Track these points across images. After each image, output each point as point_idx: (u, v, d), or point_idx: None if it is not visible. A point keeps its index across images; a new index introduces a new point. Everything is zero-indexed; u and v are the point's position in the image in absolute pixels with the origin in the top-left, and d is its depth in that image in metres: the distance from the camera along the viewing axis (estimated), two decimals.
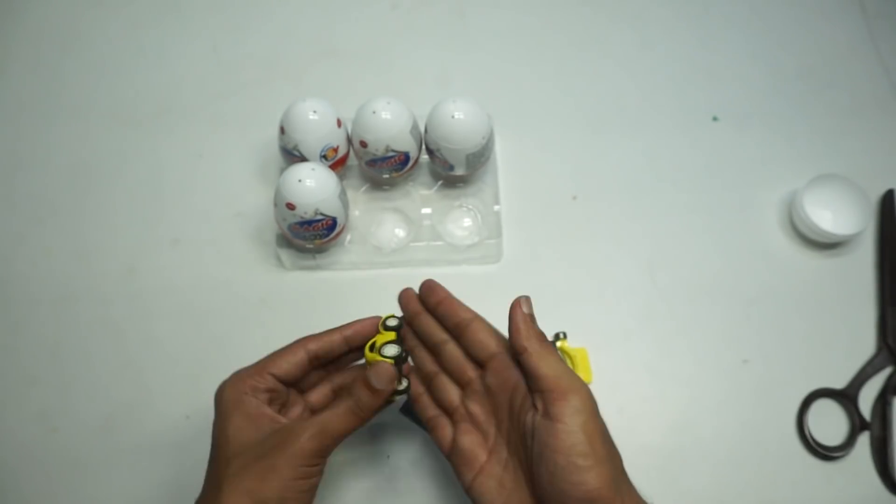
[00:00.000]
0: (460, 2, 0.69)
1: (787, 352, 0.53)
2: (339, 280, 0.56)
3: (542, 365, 0.37)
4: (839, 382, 0.52)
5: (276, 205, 0.51)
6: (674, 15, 0.68)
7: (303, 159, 0.53)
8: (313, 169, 0.50)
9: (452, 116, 0.51)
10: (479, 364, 0.41)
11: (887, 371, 0.52)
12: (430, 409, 0.43)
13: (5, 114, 0.63)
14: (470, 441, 0.40)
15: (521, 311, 0.39)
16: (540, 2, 0.69)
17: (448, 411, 0.42)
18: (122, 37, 0.67)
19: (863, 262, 0.57)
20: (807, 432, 0.50)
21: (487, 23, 0.68)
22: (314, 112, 0.52)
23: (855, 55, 0.66)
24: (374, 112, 0.51)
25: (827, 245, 0.57)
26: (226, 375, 0.42)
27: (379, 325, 0.43)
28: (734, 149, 0.62)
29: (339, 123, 0.53)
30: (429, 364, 0.43)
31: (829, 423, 0.51)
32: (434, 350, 0.43)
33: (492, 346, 0.41)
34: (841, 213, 0.56)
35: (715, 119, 0.63)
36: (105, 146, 0.62)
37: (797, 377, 0.52)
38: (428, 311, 0.44)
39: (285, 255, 0.55)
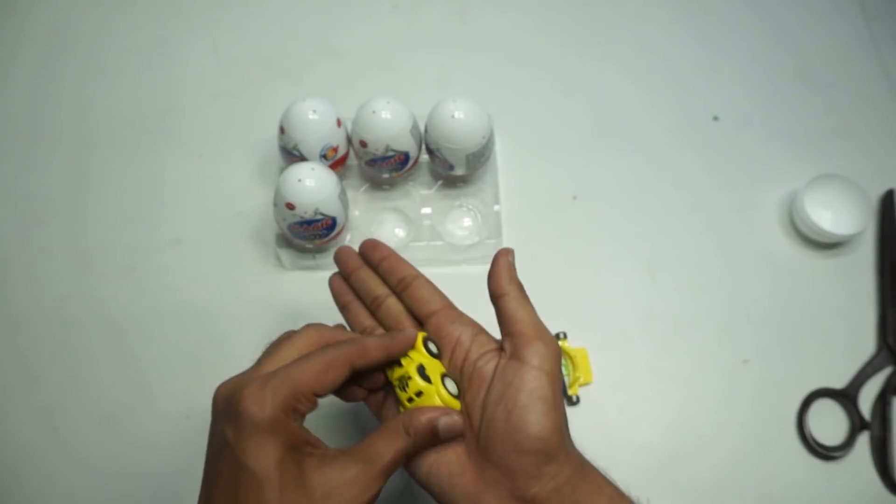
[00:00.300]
0: (460, 2, 0.69)
1: (787, 352, 0.53)
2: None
3: (520, 309, 0.37)
4: (839, 382, 0.52)
5: (275, 205, 0.51)
6: (674, 15, 0.68)
7: (303, 159, 0.53)
8: (313, 169, 0.50)
9: (452, 116, 0.51)
10: (420, 321, 0.40)
11: (887, 371, 0.52)
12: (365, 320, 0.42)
13: (7, 114, 0.63)
14: None
15: (505, 258, 0.39)
16: (540, 2, 0.69)
17: None
18: (122, 37, 0.67)
19: (863, 262, 0.57)
20: (807, 432, 0.50)
21: (488, 23, 0.68)
22: (314, 112, 0.52)
23: (855, 55, 0.66)
24: (374, 112, 0.52)
25: (827, 245, 0.57)
26: (226, 376, 0.39)
27: (418, 342, 0.38)
28: (734, 149, 0.62)
29: (338, 123, 0.53)
30: (364, 319, 0.42)
31: (829, 423, 0.51)
32: (373, 305, 0.42)
33: (435, 301, 0.40)
34: (841, 213, 0.56)
35: (715, 119, 0.63)
36: (106, 146, 0.62)
37: (797, 377, 0.52)
38: (367, 261, 0.43)
39: (285, 255, 0.55)
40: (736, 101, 0.64)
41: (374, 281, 0.42)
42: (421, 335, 0.38)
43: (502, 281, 0.38)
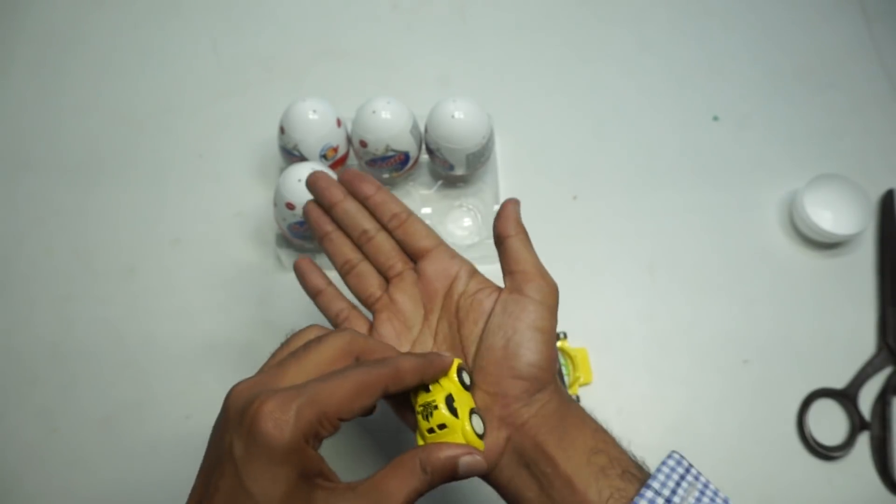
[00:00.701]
0: (460, 2, 0.69)
1: (787, 352, 0.53)
2: (340, 280, 0.55)
3: (524, 250, 0.38)
4: (839, 382, 0.52)
5: (275, 205, 0.51)
6: (673, 15, 0.68)
7: (303, 159, 0.53)
8: (313, 169, 0.50)
9: (452, 116, 0.51)
10: (414, 257, 0.40)
11: (887, 371, 0.52)
12: (337, 302, 0.40)
13: (7, 114, 0.63)
14: (391, 329, 0.39)
15: (513, 205, 0.40)
16: (540, 2, 0.69)
17: (366, 303, 0.40)
18: (122, 37, 0.67)
19: (863, 262, 0.57)
20: (807, 432, 0.50)
21: (488, 23, 0.68)
22: (314, 112, 0.52)
23: (855, 55, 0.66)
24: (374, 112, 0.52)
25: (827, 245, 0.57)
26: (227, 376, 0.37)
27: (452, 369, 0.35)
28: (734, 149, 0.62)
29: (338, 123, 0.53)
30: (348, 251, 0.40)
31: (829, 423, 0.51)
32: (361, 238, 0.40)
33: (432, 238, 0.40)
34: (841, 213, 0.56)
35: (715, 119, 0.63)
36: (105, 146, 0.62)
37: (797, 377, 0.52)
38: (352, 192, 0.41)
39: (285, 255, 0.55)
40: (736, 101, 0.64)
41: (363, 214, 0.41)
42: (457, 362, 0.35)
43: (509, 224, 0.39)
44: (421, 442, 0.34)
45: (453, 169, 0.55)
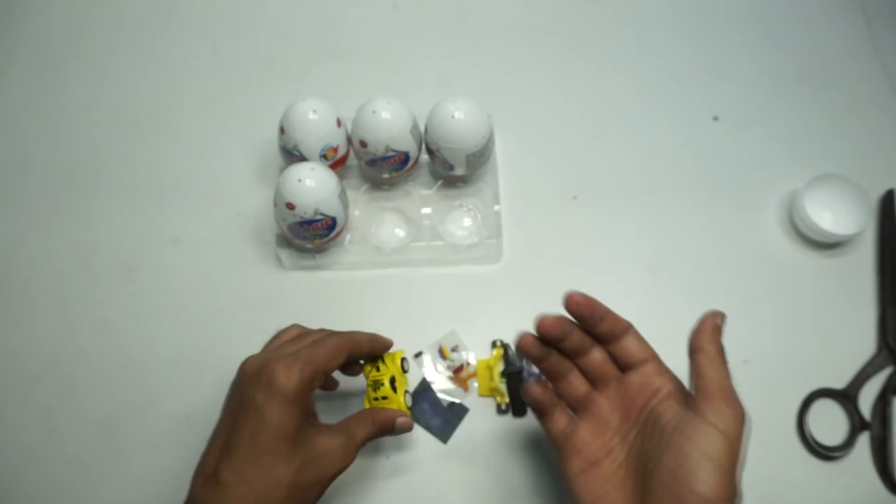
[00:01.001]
0: (460, 2, 0.69)
1: (787, 352, 0.53)
2: (339, 280, 0.56)
3: (711, 368, 0.37)
4: (839, 382, 0.52)
5: (275, 205, 0.51)
6: (674, 15, 0.68)
7: (303, 159, 0.53)
8: (313, 169, 0.50)
9: (452, 116, 0.51)
10: (622, 369, 0.41)
11: (887, 371, 0.52)
12: (549, 398, 0.43)
13: (7, 114, 0.63)
14: (587, 430, 0.41)
15: (713, 320, 0.39)
16: (540, 2, 0.69)
17: (571, 405, 0.42)
18: (122, 37, 0.67)
19: (863, 262, 0.57)
20: (807, 432, 0.50)
21: (487, 23, 0.68)
22: (314, 112, 0.52)
23: (855, 55, 0.66)
24: (374, 112, 0.52)
25: (827, 245, 0.57)
26: (227, 375, 0.42)
27: (398, 359, 0.47)
28: (734, 149, 0.62)
29: (338, 123, 0.53)
30: (562, 364, 0.42)
31: (829, 423, 0.51)
32: (576, 357, 0.42)
33: (647, 351, 0.41)
34: (841, 213, 0.56)
35: (715, 119, 0.63)
36: (105, 146, 0.62)
37: (797, 377, 0.52)
38: (581, 324, 0.41)
39: (285, 255, 0.55)
40: (736, 101, 0.64)
41: (584, 338, 0.42)
42: (400, 353, 0.47)
43: (702, 337, 0.39)
44: (368, 406, 0.46)
45: (453, 169, 0.55)
